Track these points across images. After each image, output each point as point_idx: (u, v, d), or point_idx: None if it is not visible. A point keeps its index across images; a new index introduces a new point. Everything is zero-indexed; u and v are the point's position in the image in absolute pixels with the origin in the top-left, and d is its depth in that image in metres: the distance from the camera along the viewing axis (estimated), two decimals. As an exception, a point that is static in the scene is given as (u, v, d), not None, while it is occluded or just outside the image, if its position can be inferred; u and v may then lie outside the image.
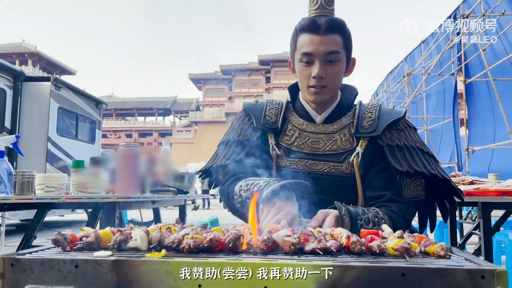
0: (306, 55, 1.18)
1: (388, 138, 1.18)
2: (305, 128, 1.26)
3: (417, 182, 1.17)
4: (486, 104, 8.28)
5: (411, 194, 1.16)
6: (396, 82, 12.59)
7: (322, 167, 1.20)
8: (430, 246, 0.70)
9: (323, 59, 1.17)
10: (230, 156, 1.27)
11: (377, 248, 0.69)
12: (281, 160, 1.25)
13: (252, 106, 1.34)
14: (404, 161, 1.14)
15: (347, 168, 1.19)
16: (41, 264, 0.65)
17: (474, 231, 2.21)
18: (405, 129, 1.22)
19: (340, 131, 1.23)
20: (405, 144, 1.18)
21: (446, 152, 10.15)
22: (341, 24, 1.19)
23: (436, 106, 10.61)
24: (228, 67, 47.82)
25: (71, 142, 7.80)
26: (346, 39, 1.20)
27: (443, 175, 1.16)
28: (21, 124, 6.93)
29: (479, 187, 1.80)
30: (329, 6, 1.20)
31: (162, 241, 0.74)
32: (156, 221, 2.66)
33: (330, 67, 1.18)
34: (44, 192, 1.70)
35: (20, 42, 41.53)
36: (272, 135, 1.28)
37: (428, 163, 1.17)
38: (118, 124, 50.21)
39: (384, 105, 1.30)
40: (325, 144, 1.21)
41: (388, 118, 1.21)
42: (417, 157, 1.16)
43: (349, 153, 1.20)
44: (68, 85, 7.96)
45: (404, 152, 1.16)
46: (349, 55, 1.24)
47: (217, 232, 0.77)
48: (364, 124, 1.21)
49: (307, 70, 1.20)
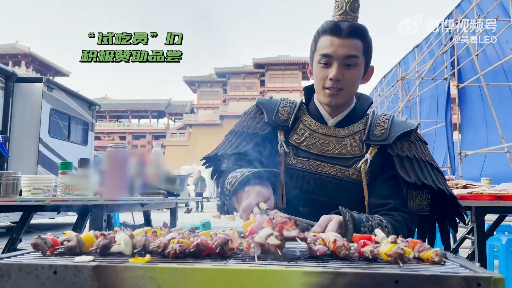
0: (325, 56, 1.19)
1: (398, 148, 1.19)
2: (316, 129, 1.26)
3: (423, 196, 1.17)
4: (479, 108, 8.34)
5: (416, 207, 1.17)
6: (390, 86, 12.65)
7: (329, 169, 1.20)
8: (424, 252, 0.68)
9: (341, 62, 1.17)
10: (237, 146, 1.25)
11: (370, 254, 0.67)
12: (288, 157, 1.24)
13: (266, 101, 1.34)
14: (413, 172, 1.15)
15: (354, 173, 1.19)
16: (19, 269, 0.62)
17: (468, 235, 2.20)
18: (416, 142, 1.23)
19: (351, 136, 1.23)
20: (415, 156, 1.19)
21: (439, 156, 10.19)
22: (363, 30, 1.20)
23: (429, 111, 10.67)
24: (223, 69, 47.80)
25: (63, 143, 7.72)
26: (367, 46, 1.20)
27: (450, 192, 1.16)
28: (13, 125, 6.86)
29: (472, 191, 1.79)
30: (354, 13, 1.21)
31: (147, 245, 0.71)
32: (147, 224, 2.62)
33: (348, 70, 1.18)
34: (31, 194, 1.66)
35: (13, 43, 41.24)
36: (282, 132, 1.27)
37: (436, 177, 1.18)
38: (112, 126, 49.95)
39: (397, 117, 1.31)
40: (334, 147, 1.22)
41: (401, 129, 1.22)
42: (425, 170, 1.17)
43: (358, 159, 1.20)
44: (60, 86, 7.90)
45: (413, 164, 1.17)
46: (368, 62, 1.24)
47: (205, 237, 0.74)
48: (376, 132, 1.22)
49: (324, 71, 1.20)
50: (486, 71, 7.10)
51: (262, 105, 1.33)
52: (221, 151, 1.28)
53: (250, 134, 1.27)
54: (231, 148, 1.26)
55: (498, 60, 7.02)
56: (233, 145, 1.27)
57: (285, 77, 46.70)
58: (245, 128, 1.30)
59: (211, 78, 48.62)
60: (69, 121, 8.04)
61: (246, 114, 1.35)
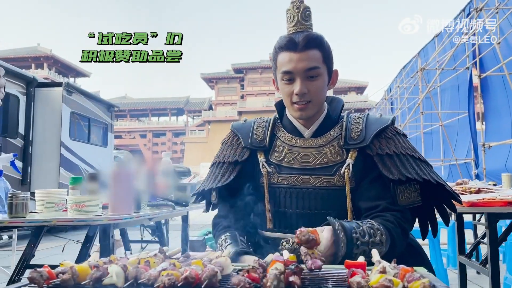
0: (286, 73, 1.18)
1: (377, 147, 1.17)
2: (294, 144, 1.25)
3: (412, 188, 1.15)
4: (502, 98, 8.09)
5: (407, 201, 1.15)
6: (410, 78, 12.39)
7: (313, 181, 1.19)
8: (413, 283, 0.67)
9: (303, 75, 1.17)
10: (221, 178, 1.27)
11: (356, 286, 0.67)
12: (272, 177, 1.24)
13: (240, 126, 1.35)
14: (395, 169, 1.13)
15: (339, 180, 1.17)
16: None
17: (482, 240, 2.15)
18: (393, 137, 1.20)
19: (329, 144, 1.21)
20: (395, 152, 1.16)
21: (462, 148, 9.95)
22: (318, 39, 1.18)
23: (451, 101, 10.40)
24: (240, 65, 47.86)
25: (83, 146, 7.91)
26: (326, 53, 1.19)
27: (436, 180, 1.13)
28: (35, 130, 7.06)
29: (484, 197, 1.74)
30: (306, 22, 1.20)
31: (138, 277, 0.72)
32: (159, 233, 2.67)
33: (312, 82, 1.18)
34: (44, 208, 1.71)
35: (35, 46, 42.29)
36: (262, 152, 1.27)
37: (420, 168, 1.15)
38: (133, 125, 50.79)
39: (372, 114, 1.28)
40: (315, 158, 1.20)
41: (376, 127, 1.20)
42: (408, 164, 1.15)
43: (340, 165, 1.18)
44: (79, 89, 8.09)
45: (395, 160, 1.15)
46: (330, 68, 1.23)
47: (196, 266, 0.75)
48: (352, 135, 1.20)
49: (289, 87, 1.19)
50: (509, 59, 6.87)
51: (236, 130, 1.34)
52: (207, 185, 1.29)
53: (231, 163, 1.28)
54: (216, 181, 1.27)
55: (520, 48, 6.80)
56: (217, 177, 1.28)
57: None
58: (225, 157, 1.30)
59: (229, 74, 48.76)
60: (88, 124, 8.22)
61: (224, 143, 1.36)
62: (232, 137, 1.35)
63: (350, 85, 46.50)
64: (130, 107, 49.86)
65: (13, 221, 1.51)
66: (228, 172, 1.27)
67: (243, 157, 1.27)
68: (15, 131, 6.71)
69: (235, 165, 1.28)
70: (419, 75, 11.08)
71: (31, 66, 38.56)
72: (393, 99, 15.05)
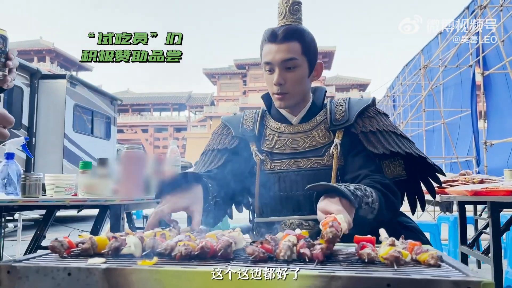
0: (267, 64, 1.25)
1: (360, 126, 1.24)
2: (283, 131, 1.31)
3: (396, 162, 1.24)
4: (505, 96, 8.09)
5: (392, 174, 1.24)
6: (412, 75, 12.38)
7: (305, 164, 1.25)
8: (421, 254, 0.70)
9: (281, 66, 1.22)
10: (209, 164, 1.33)
11: (367, 257, 0.69)
12: (265, 164, 1.30)
13: (230, 118, 1.43)
14: (379, 144, 1.21)
15: (329, 160, 1.24)
16: (36, 271, 0.67)
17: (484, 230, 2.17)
18: (375, 116, 1.27)
19: (317, 127, 1.28)
20: (378, 129, 1.23)
21: (464, 146, 9.95)
22: (298, 31, 1.23)
23: (454, 99, 10.40)
24: (242, 61, 47.78)
25: (87, 138, 7.94)
26: (306, 45, 1.24)
27: (417, 153, 1.20)
28: (38, 121, 7.09)
29: (487, 186, 1.76)
30: (294, 15, 1.25)
31: (156, 247, 0.75)
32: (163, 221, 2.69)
33: (289, 73, 1.23)
34: (54, 192, 1.74)
35: (38, 39, 42.30)
36: (253, 142, 1.33)
37: (402, 143, 1.22)
38: (134, 119, 50.82)
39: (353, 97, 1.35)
40: (304, 142, 1.27)
41: (358, 108, 1.27)
42: (390, 139, 1.22)
43: (328, 146, 1.25)
44: (83, 82, 8.10)
45: (378, 136, 1.22)
46: (312, 60, 1.27)
47: (210, 239, 0.78)
48: (337, 117, 1.27)
49: (270, 78, 1.26)
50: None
51: (227, 122, 1.41)
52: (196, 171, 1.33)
53: (220, 150, 1.35)
54: (204, 167, 1.33)
55: (524, 46, 6.79)
56: (206, 164, 1.34)
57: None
58: (214, 145, 1.37)
59: (231, 70, 48.71)
60: (92, 116, 8.25)
61: (214, 133, 1.43)
62: (222, 127, 1.42)
63: (353, 82, 46.43)
64: (132, 101, 49.87)
65: (27, 200, 1.54)
66: (217, 158, 1.34)
67: (232, 144, 1.34)
68: (19, 122, 6.74)
69: (224, 152, 1.34)
70: (422, 72, 11.07)
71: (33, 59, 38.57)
72: (395, 97, 15.05)
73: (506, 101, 8.08)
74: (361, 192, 1.04)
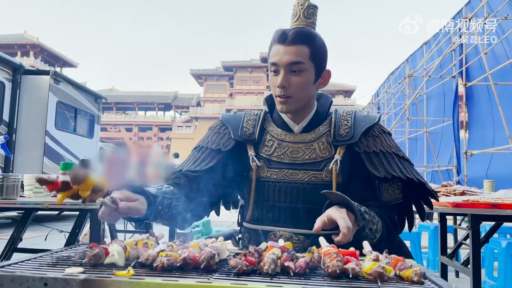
0: (273, 64, 1.21)
1: (364, 145, 1.21)
2: (283, 138, 1.27)
3: (395, 186, 1.20)
4: (486, 108, 8.27)
5: (390, 197, 1.19)
6: (397, 83, 12.56)
7: (302, 176, 1.21)
8: (405, 271, 0.69)
9: (287, 69, 1.18)
10: (201, 163, 1.27)
11: (351, 272, 0.69)
12: (261, 171, 1.26)
13: (230, 117, 1.36)
14: (381, 166, 1.17)
15: (327, 176, 1.21)
16: (11, 280, 0.64)
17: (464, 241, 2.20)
18: (380, 135, 1.24)
19: (318, 140, 1.25)
20: (381, 150, 1.20)
21: (445, 155, 10.14)
22: (309, 35, 1.19)
23: (437, 108, 10.59)
24: (230, 63, 47.73)
25: (69, 136, 7.80)
26: (315, 51, 1.20)
27: (418, 179, 1.18)
28: (19, 117, 6.93)
29: (468, 198, 1.79)
30: (308, 19, 1.21)
31: (139, 257, 0.73)
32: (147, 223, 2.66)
33: (294, 77, 1.19)
34: (33, 193, 1.69)
35: (22, 33, 41.43)
36: (251, 146, 1.29)
37: (404, 167, 1.20)
38: (119, 118, 50.19)
39: (359, 111, 1.32)
40: (304, 153, 1.23)
41: (364, 125, 1.24)
42: (393, 162, 1.19)
43: (328, 161, 1.22)
44: (67, 79, 7.96)
45: (381, 158, 1.19)
46: (320, 66, 1.23)
47: (193, 249, 0.76)
48: (341, 132, 1.23)
49: (275, 79, 1.21)
50: (494, 70, 7.03)
51: (226, 121, 1.34)
52: (185, 167, 1.29)
53: (213, 150, 1.29)
54: (195, 164, 1.27)
55: (506, 59, 6.94)
56: (196, 161, 1.28)
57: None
58: (209, 143, 1.31)
59: (218, 71, 48.59)
60: (75, 114, 8.11)
61: (211, 129, 1.37)
62: (220, 125, 1.36)
63: (338, 89, 46.79)
64: (116, 99, 49.25)
65: (4, 202, 1.50)
66: (209, 158, 1.28)
67: (226, 147, 1.29)
68: (0, 118, 6.58)
69: (217, 153, 1.28)
70: (406, 81, 11.24)
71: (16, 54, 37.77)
72: (380, 104, 15.22)
73: (487, 113, 8.26)
74: (369, 217, 1.05)
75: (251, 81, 47.27)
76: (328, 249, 0.78)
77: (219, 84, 48.53)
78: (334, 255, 0.73)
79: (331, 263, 0.71)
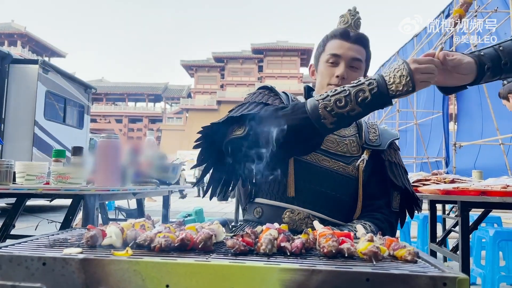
0: (334, 56, 1.29)
1: (388, 154, 1.35)
2: None
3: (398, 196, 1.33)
4: (475, 100, 8.37)
5: (396, 205, 1.33)
6: (388, 76, 12.60)
7: (332, 164, 1.27)
8: (399, 250, 0.71)
9: (348, 63, 1.28)
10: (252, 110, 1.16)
11: (347, 251, 0.70)
12: None
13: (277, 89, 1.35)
14: (399, 177, 1.31)
15: (353, 170, 1.29)
16: (9, 260, 0.64)
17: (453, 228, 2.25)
18: (397, 150, 1.41)
19: (350, 137, 1.34)
20: (398, 163, 1.35)
21: (434, 146, 10.27)
22: (368, 40, 1.32)
23: (427, 101, 10.68)
24: (220, 54, 47.48)
25: (58, 126, 7.72)
26: (368, 55, 1.33)
27: (413, 191, 1.35)
28: (8, 107, 6.84)
29: (458, 186, 1.82)
30: (357, 28, 1.32)
31: (136, 239, 0.74)
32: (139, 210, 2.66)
33: (352, 72, 1.28)
34: (25, 180, 1.68)
35: (9, 23, 40.68)
36: None
37: (407, 180, 1.35)
38: (108, 109, 49.77)
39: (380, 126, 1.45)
40: (337, 145, 1.30)
41: (388, 137, 1.38)
42: (404, 175, 1.34)
43: (355, 158, 1.31)
44: (56, 68, 7.85)
45: (398, 169, 1.34)
46: (366, 70, 1.35)
47: (190, 231, 0.77)
48: (371, 137, 1.35)
49: (331, 69, 1.29)
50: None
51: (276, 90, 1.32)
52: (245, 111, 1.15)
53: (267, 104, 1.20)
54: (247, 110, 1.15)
55: (495, 52, 7.01)
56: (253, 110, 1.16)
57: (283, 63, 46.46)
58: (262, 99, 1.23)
59: (209, 62, 48.32)
60: (64, 104, 8.02)
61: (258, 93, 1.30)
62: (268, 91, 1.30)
63: (329, 81, 46.85)
64: (106, 90, 48.79)
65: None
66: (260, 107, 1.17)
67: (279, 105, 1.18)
68: (-13, 107, 6.49)
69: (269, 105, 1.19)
70: (397, 73, 11.28)
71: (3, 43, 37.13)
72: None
73: (476, 105, 8.36)
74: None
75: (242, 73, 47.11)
76: (324, 231, 0.79)
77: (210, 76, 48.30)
78: (330, 236, 0.74)
79: (326, 243, 0.72)
